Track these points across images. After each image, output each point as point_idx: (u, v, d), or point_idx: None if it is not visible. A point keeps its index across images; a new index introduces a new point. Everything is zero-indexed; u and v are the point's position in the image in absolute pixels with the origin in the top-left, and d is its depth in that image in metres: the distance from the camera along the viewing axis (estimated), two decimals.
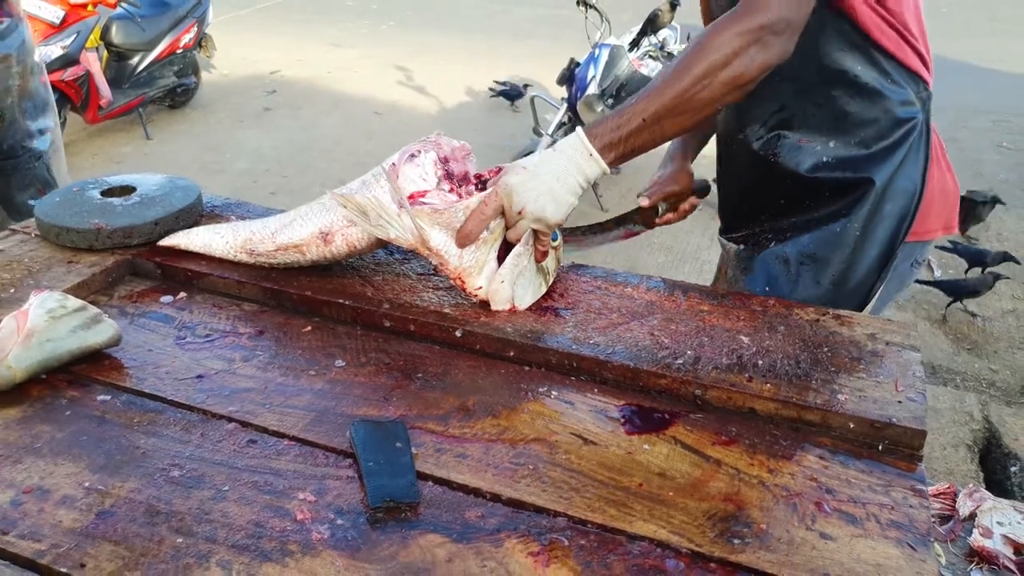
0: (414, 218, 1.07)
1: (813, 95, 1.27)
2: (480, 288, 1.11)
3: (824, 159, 1.29)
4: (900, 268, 1.36)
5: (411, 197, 1.09)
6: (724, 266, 1.56)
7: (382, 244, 1.15)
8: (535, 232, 1.10)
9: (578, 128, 1.11)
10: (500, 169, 1.13)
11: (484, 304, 1.12)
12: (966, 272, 3.69)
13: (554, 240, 1.15)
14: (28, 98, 2.56)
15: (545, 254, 1.12)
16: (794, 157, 1.30)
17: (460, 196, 1.12)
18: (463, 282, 1.11)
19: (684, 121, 1.08)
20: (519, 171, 1.07)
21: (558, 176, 1.07)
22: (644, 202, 1.46)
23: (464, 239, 1.08)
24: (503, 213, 1.09)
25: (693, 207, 1.53)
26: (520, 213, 1.07)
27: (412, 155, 1.11)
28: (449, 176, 1.13)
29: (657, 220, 1.50)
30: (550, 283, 1.18)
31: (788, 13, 1.06)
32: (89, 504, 0.78)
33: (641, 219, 1.51)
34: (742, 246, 1.46)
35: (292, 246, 1.16)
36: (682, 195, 1.50)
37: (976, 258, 3.64)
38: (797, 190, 1.33)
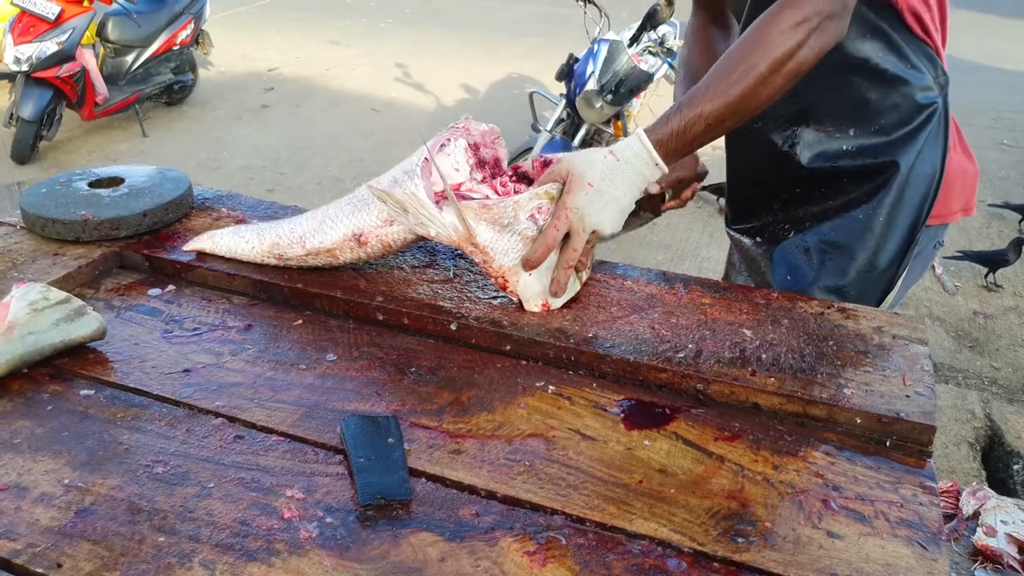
0: (462, 213, 1.02)
1: (832, 83, 1.25)
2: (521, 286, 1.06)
3: (844, 147, 1.27)
4: (924, 252, 1.35)
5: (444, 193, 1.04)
6: (733, 259, 1.54)
7: (417, 241, 1.09)
8: None
9: (640, 133, 1.06)
10: (545, 162, 1.09)
11: (483, 299, 1.09)
12: (985, 276, 3.74)
13: None
14: None
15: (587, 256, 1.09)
16: (813, 147, 1.28)
17: (494, 187, 1.08)
18: (506, 280, 1.06)
19: (743, 118, 1.07)
20: (585, 189, 1.03)
21: (626, 191, 1.05)
22: (654, 189, 1.45)
23: (531, 265, 1.04)
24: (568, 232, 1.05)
25: (694, 193, 1.51)
26: (594, 233, 1.04)
27: (442, 144, 1.07)
28: (481, 164, 1.09)
29: (664, 206, 1.48)
30: (584, 279, 1.13)
31: None
32: (68, 502, 0.75)
33: (648, 207, 1.48)
34: (757, 238, 1.44)
35: (324, 251, 1.10)
36: (689, 180, 1.48)
37: (993, 257, 3.69)
38: (813, 180, 1.30)
